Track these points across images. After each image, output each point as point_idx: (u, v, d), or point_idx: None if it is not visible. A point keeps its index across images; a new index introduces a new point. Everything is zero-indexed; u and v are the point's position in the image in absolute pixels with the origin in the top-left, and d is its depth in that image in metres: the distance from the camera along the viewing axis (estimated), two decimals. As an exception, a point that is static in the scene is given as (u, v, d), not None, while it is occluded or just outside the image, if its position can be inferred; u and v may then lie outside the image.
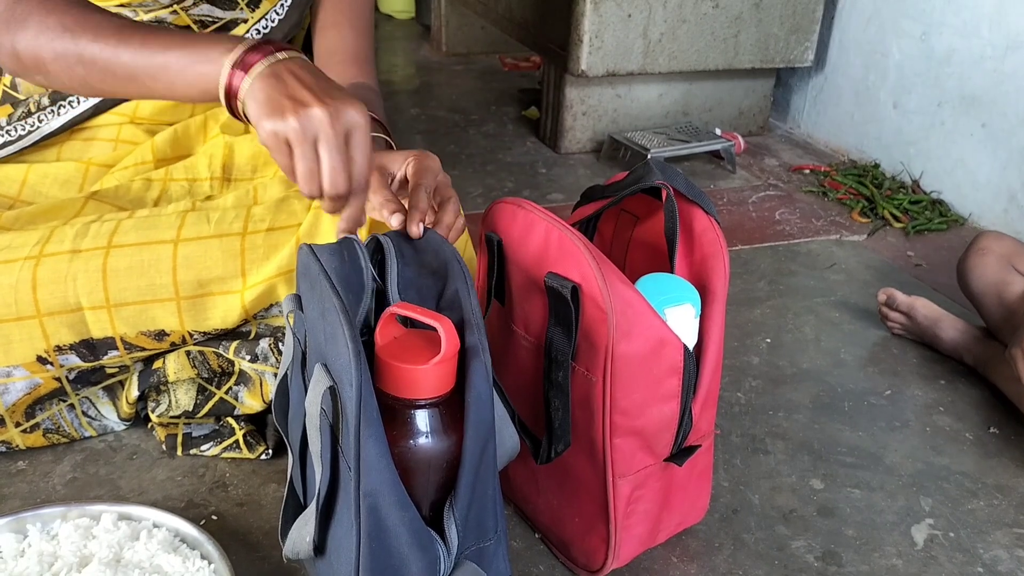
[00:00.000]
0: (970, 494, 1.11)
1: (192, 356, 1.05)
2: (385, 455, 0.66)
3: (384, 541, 0.68)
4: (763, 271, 1.68)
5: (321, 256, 0.72)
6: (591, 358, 0.83)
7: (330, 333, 0.68)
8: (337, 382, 0.67)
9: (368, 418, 0.65)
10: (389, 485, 0.66)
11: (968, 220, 1.97)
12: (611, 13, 2.04)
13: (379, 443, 0.66)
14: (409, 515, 0.68)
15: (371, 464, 0.65)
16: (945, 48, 1.99)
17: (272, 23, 1.16)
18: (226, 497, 1.03)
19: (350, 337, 0.64)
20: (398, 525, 0.68)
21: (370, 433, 0.65)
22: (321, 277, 0.70)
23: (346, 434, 0.67)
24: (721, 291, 0.89)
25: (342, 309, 0.66)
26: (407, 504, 0.68)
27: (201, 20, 1.13)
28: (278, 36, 1.18)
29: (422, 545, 0.69)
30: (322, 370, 0.69)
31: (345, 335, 0.65)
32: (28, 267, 0.98)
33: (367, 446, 0.65)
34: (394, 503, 0.67)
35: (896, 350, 1.43)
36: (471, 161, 2.20)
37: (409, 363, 0.68)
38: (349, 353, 0.64)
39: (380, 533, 0.68)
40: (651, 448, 0.88)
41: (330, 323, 0.68)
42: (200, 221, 1.02)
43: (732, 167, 2.19)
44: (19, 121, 1.14)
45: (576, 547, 0.94)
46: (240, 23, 1.15)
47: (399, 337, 0.71)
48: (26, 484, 1.04)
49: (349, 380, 0.64)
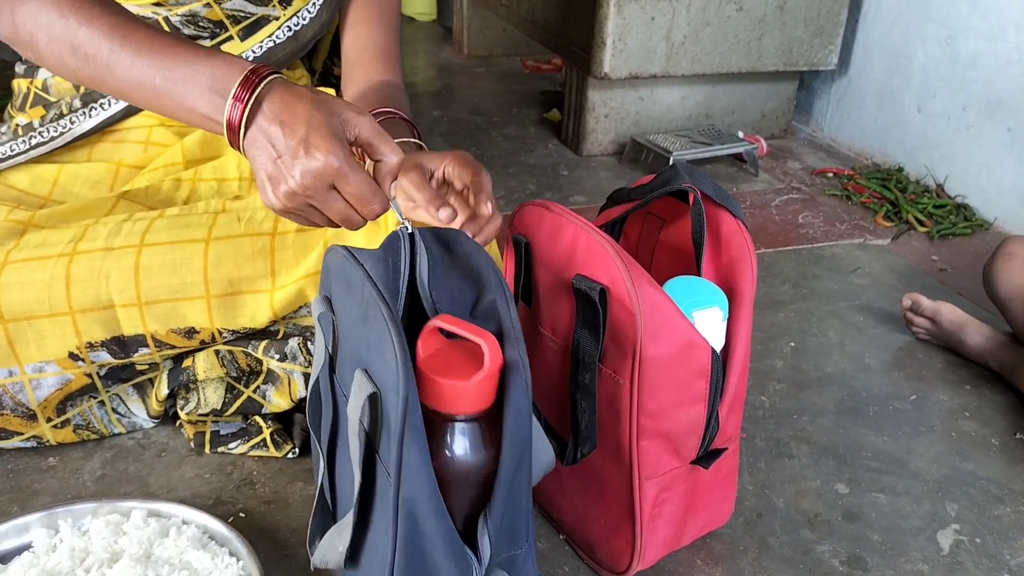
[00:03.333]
0: (996, 500, 1.10)
1: (221, 355, 1.06)
2: (426, 463, 0.66)
3: (419, 548, 0.68)
4: (787, 275, 1.68)
5: (365, 261, 0.72)
6: (619, 360, 0.83)
7: (375, 340, 0.67)
8: (381, 389, 0.67)
9: (412, 425, 0.65)
10: (428, 493, 0.66)
11: (993, 225, 1.95)
12: (634, 16, 2.05)
13: (421, 451, 0.66)
14: (445, 524, 0.68)
15: (412, 471, 0.65)
16: (971, 52, 1.98)
17: (304, 21, 1.17)
18: (253, 495, 1.04)
19: (399, 346, 0.64)
20: (434, 533, 0.68)
21: (413, 440, 0.65)
22: (366, 283, 0.70)
23: (387, 441, 0.66)
24: (749, 294, 0.89)
25: (391, 317, 0.66)
26: (444, 514, 0.68)
27: (233, 15, 1.14)
28: (308, 35, 1.19)
29: (456, 555, 0.69)
30: (364, 376, 0.68)
31: (394, 343, 0.64)
32: (62, 264, 1.00)
33: (410, 453, 0.65)
34: (432, 512, 0.67)
35: (921, 355, 1.42)
36: (493, 163, 2.20)
37: (452, 378, 0.67)
38: (397, 361, 0.64)
39: (416, 539, 0.68)
40: (677, 451, 0.88)
41: (375, 330, 0.67)
42: (231, 221, 1.04)
43: (755, 170, 2.18)
44: (51, 123, 1.15)
45: (601, 549, 0.95)
46: (272, 20, 1.16)
47: (440, 350, 0.71)
48: (57, 480, 1.05)
49: (395, 388, 0.64)
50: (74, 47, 0.81)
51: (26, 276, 0.99)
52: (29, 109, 1.19)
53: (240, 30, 1.15)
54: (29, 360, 1.02)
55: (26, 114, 1.19)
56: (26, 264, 1.00)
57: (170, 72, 0.77)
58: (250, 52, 1.16)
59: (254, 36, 1.16)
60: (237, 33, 1.15)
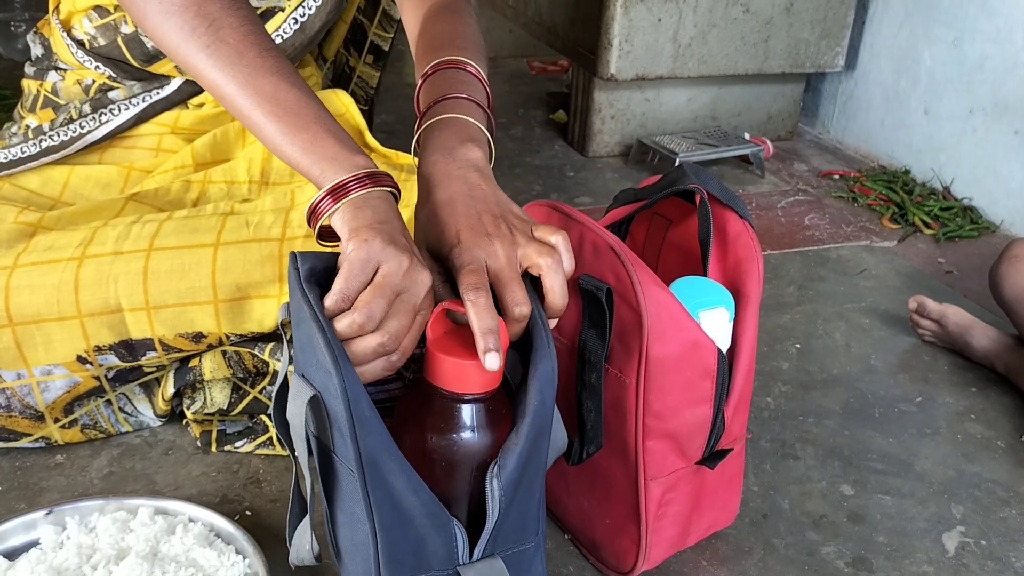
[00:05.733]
0: (1002, 502, 1.10)
1: (228, 356, 1.06)
2: (387, 446, 0.66)
3: (400, 527, 0.69)
4: (792, 276, 1.68)
5: (302, 264, 0.69)
6: (625, 360, 0.83)
7: (306, 342, 0.68)
8: (320, 389, 0.67)
9: (360, 417, 0.65)
10: (399, 474, 0.67)
11: (1000, 227, 1.95)
12: (641, 17, 2.05)
13: (379, 436, 0.66)
14: (423, 498, 0.68)
15: (375, 459, 0.66)
16: (978, 54, 1.97)
17: (309, 10, 1.16)
18: (259, 493, 1.04)
19: (324, 343, 0.64)
20: (413, 510, 0.68)
21: (367, 430, 0.65)
22: (295, 284, 0.69)
23: (340, 439, 0.67)
24: (755, 295, 0.89)
25: (313, 316, 0.66)
26: (421, 488, 0.68)
27: None
28: (316, 25, 1.17)
29: (439, 525, 0.69)
30: (300, 381, 0.68)
31: (320, 341, 0.64)
32: (71, 268, 1.00)
33: (367, 442, 0.65)
34: (408, 489, 0.67)
35: (927, 357, 1.42)
36: (499, 164, 2.18)
37: (458, 358, 0.69)
38: (327, 359, 0.64)
39: (396, 520, 0.68)
40: (683, 451, 0.88)
41: (305, 333, 0.67)
42: (240, 226, 1.04)
43: (761, 172, 2.18)
44: (60, 127, 1.16)
45: (606, 548, 0.95)
46: (277, 11, 1.15)
47: (449, 332, 0.72)
48: (64, 478, 1.06)
49: (332, 385, 0.64)
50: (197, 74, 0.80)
51: (35, 280, 1.00)
52: (39, 111, 1.19)
53: None
54: (37, 363, 1.03)
55: (36, 115, 1.19)
56: (35, 268, 1.00)
57: (313, 136, 0.76)
58: None
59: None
60: None
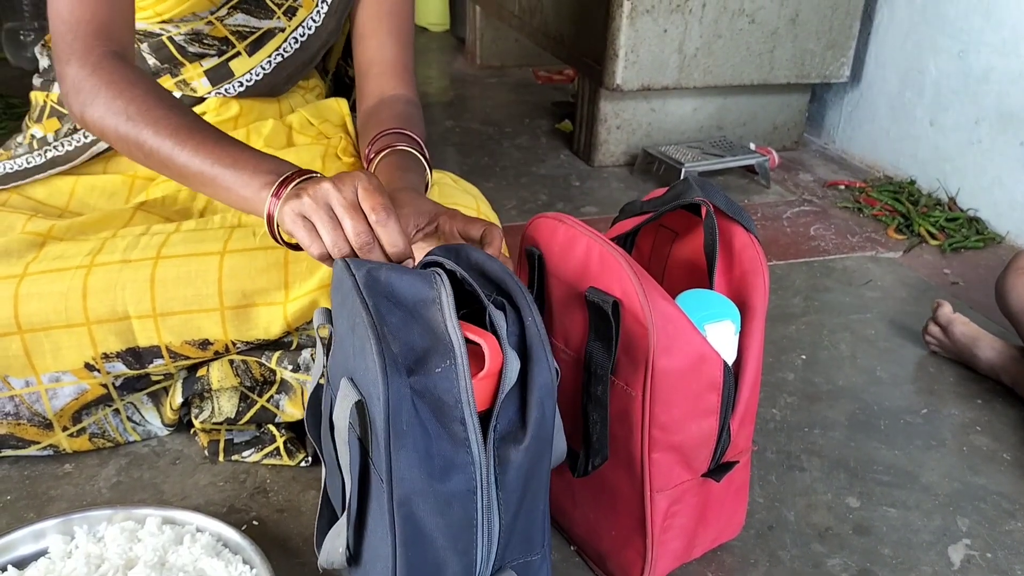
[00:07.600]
0: (1008, 515, 1.10)
1: (235, 365, 1.07)
2: (418, 464, 0.66)
3: (421, 547, 0.69)
4: (798, 287, 1.68)
5: (357, 271, 0.73)
6: (631, 373, 0.84)
7: (359, 347, 0.68)
8: (365, 396, 0.67)
9: (398, 430, 0.65)
10: (422, 494, 0.67)
11: (1006, 238, 1.95)
12: (647, 28, 2.05)
13: (411, 453, 0.66)
14: (446, 521, 0.68)
15: (403, 475, 0.66)
16: (983, 66, 1.98)
17: (309, 31, 1.18)
18: (267, 503, 1.05)
19: (377, 351, 0.65)
20: (434, 531, 0.68)
21: (401, 444, 0.66)
22: (352, 291, 0.70)
23: (376, 447, 0.67)
24: (761, 308, 0.89)
25: (371, 323, 0.67)
26: (445, 511, 0.68)
27: (238, 31, 1.15)
28: (316, 45, 1.20)
29: (460, 550, 0.70)
30: (349, 384, 0.69)
31: (372, 349, 0.65)
32: (79, 276, 1.01)
33: (399, 457, 0.66)
34: (431, 509, 0.68)
35: (933, 369, 1.42)
36: (505, 174, 2.21)
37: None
38: (376, 367, 0.65)
39: (417, 539, 0.68)
40: (689, 463, 0.88)
41: (359, 337, 0.68)
42: (247, 235, 1.05)
43: (766, 182, 2.19)
44: (65, 137, 1.17)
45: (612, 560, 0.95)
46: (277, 32, 1.17)
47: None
48: (72, 487, 1.06)
49: (377, 394, 0.65)
50: (139, 143, 0.93)
51: (44, 287, 1.00)
52: (45, 121, 1.20)
53: (247, 45, 1.16)
54: (45, 370, 1.03)
55: (42, 125, 1.20)
56: (44, 276, 1.01)
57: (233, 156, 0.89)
58: (259, 68, 1.17)
59: (262, 50, 1.17)
60: (244, 48, 1.16)
